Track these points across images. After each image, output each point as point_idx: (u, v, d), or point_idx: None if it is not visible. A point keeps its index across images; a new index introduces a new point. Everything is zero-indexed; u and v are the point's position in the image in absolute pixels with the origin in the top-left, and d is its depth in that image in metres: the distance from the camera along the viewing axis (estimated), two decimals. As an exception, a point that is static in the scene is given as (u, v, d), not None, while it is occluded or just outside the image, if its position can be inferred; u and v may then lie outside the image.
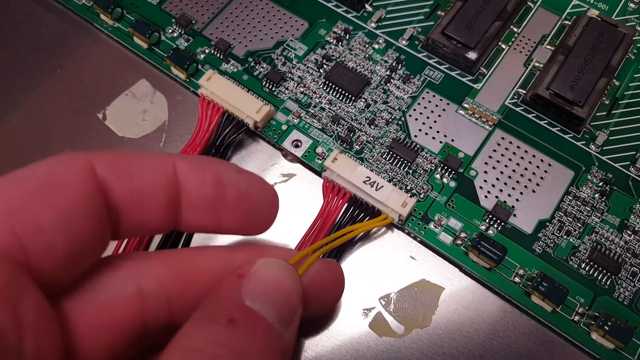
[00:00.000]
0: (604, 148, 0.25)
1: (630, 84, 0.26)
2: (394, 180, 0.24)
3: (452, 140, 0.25)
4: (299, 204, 0.25)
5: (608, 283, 0.22)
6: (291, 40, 0.28)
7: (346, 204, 0.24)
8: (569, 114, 0.24)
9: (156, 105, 0.27)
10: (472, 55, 0.25)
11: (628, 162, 0.25)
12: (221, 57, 0.27)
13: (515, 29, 0.28)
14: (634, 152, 0.25)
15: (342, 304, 0.23)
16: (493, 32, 0.26)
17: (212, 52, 0.27)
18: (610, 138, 0.25)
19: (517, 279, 0.22)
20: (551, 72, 0.25)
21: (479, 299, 0.23)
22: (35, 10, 0.30)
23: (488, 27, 0.26)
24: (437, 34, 0.26)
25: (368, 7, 0.28)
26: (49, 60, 0.28)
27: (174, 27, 0.28)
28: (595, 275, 0.22)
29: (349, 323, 0.22)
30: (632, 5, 0.29)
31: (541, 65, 0.26)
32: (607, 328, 0.21)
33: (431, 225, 0.23)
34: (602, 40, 0.26)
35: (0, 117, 0.27)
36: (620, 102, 0.26)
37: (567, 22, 0.28)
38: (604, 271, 0.22)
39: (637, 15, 0.28)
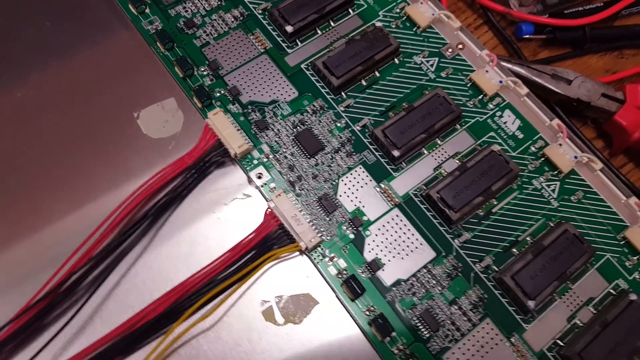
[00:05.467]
0: (464, 245, 0.35)
1: (504, 206, 0.36)
2: (313, 221, 0.35)
3: (363, 206, 0.35)
4: (247, 217, 0.35)
5: (427, 336, 0.32)
6: (282, 102, 0.38)
7: (277, 227, 0.34)
8: (446, 214, 0.34)
9: (175, 119, 0.38)
10: (395, 152, 0.36)
11: (477, 260, 0.34)
12: (230, 99, 0.38)
13: (439, 142, 0.38)
14: (485, 254, 0.35)
15: (250, 293, 0.33)
16: (418, 141, 0.36)
17: (225, 94, 0.38)
18: (472, 239, 0.35)
19: (367, 312, 0.32)
20: (445, 181, 0.35)
21: (339, 317, 0.33)
22: (113, 23, 0.41)
23: (415, 137, 0.36)
24: (379, 131, 0.36)
25: (343, 95, 0.39)
26: (111, 65, 0.39)
27: (206, 67, 0.39)
28: (420, 327, 0.32)
29: (249, 306, 0.33)
30: (533, 148, 0.38)
31: (445, 173, 0.36)
32: (411, 363, 0.31)
33: (326, 259, 0.34)
34: (492, 170, 0.36)
35: (58, 107, 0.38)
36: (491, 216, 0.36)
37: (479, 147, 0.38)
38: (427, 327, 0.32)
39: (534, 157, 0.38)
